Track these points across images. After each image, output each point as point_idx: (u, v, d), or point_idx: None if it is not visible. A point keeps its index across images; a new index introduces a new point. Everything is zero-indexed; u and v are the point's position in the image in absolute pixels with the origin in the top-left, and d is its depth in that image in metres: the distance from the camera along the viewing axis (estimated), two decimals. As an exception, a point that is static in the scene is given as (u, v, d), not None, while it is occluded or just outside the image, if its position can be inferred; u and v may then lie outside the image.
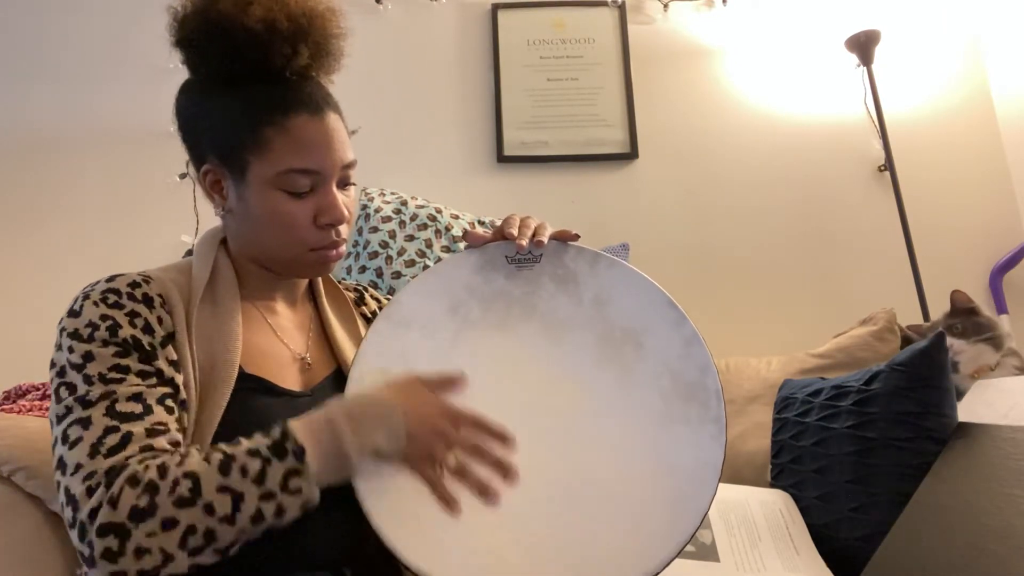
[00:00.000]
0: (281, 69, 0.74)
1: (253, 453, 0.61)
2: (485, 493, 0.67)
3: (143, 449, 0.62)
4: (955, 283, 1.37)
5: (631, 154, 1.91)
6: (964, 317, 1.24)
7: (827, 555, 0.89)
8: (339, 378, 0.83)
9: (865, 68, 1.81)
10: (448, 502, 0.66)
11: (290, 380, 0.79)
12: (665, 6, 2.01)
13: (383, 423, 0.66)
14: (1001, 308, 1.79)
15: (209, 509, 0.58)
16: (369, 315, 0.95)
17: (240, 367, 0.73)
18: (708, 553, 0.85)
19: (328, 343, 0.86)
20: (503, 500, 0.67)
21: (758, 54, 1.98)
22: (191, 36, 0.74)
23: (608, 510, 0.66)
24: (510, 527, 0.66)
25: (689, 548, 0.84)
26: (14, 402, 1.25)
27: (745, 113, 1.95)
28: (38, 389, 1.28)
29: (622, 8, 1.99)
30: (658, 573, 0.64)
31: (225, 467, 0.60)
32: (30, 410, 1.20)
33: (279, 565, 0.68)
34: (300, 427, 0.63)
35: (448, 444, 0.68)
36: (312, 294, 0.90)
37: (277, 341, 0.81)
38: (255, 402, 0.73)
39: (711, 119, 1.95)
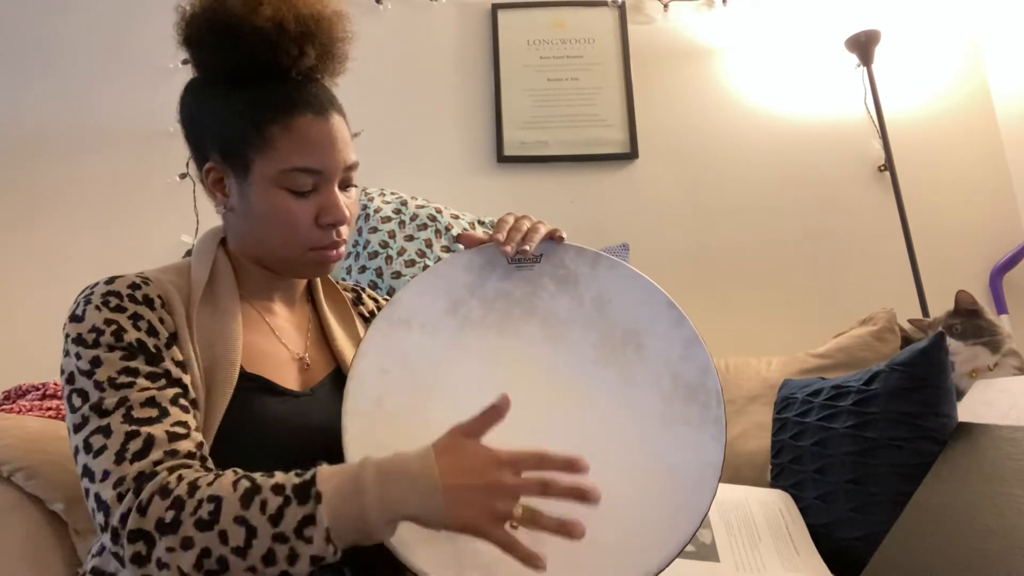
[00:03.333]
0: (287, 69, 0.75)
1: (278, 490, 0.59)
2: (568, 532, 0.59)
3: (168, 454, 0.62)
4: (955, 283, 1.37)
5: (631, 154, 1.91)
6: (965, 318, 1.24)
7: (827, 555, 0.89)
8: (338, 378, 0.83)
9: (865, 68, 1.81)
10: (532, 560, 0.59)
11: (290, 380, 0.79)
12: (665, 6, 2.01)
13: (415, 485, 0.58)
14: (1001, 308, 1.79)
15: (223, 537, 0.58)
16: (367, 315, 0.95)
17: (241, 367, 0.74)
18: (708, 553, 0.85)
19: (327, 343, 0.86)
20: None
21: (758, 54, 1.98)
22: (199, 34, 0.74)
23: (608, 510, 0.66)
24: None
25: (689, 548, 0.84)
26: (14, 402, 1.25)
27: (745, 113, 1.95)
28: (38, 389, 1.28)
29: (622, 8, 1.99)
30: (658, 573, 0.64)
31: (247, 498, 0.59)
32: (30, 410, 1.20)
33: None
34: (328, 474, 0.59)
35: (511, 495, 0.59)
36: (310, 295, 0.91)
37: (276, 341, 0.81)
38: (256, 401, 0.73)
39: (711, 119, 1.95)
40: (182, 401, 0.67)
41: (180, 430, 0.65)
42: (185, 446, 0.64)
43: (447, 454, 0.60)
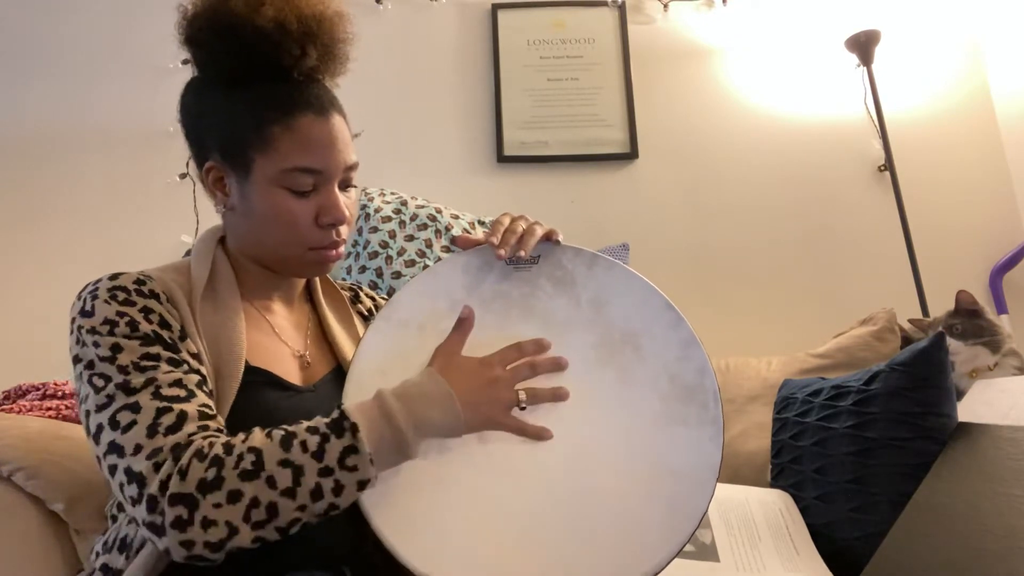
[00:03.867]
0: (289, 69, 0.75)
1: (313, 431, 0.63)
2: (561, 396, 0.70)
3: (201, 428, 0.64)
4: (955, 283, 1.37)
5: (631, 154, 1.91)
6: (965, 318, 1.24)
7: (827, 555, 0.88)
8: (339, 375, 0.84)
9: (865, 68, 1.81)
10: (542, 434, 0.69)
11: (292, 376, 0.79)
12: (665, 6, 2.01)
13: (434, 400, 0.66)
14: (1001, 308, 1.79)
15: (271, 482, 0.60)
16: (365, 313, 0.96)
17: (246, 361, 0.74)
18: (708, 553, 0.85)
19: (326, 342, 0.87)
20: (504, 501, 0.67)
21: (758, 54, 1.98)
22: (200, 34, 0.74)
23: (607, 511, 0.66)
24: (509, 527, 0.66)
25: (689, 548, 0.84)
26: (14, 402, 1.26)
27: (745, 113, 1.95)
28: (38, 389, 1.28)
29: (622, 8, 1.99)
30: (657, 573, 0.64)
31: (287, 442, 0.62)
32: (30, 410, 1.20)
33: (278, 564, 0.68)
34: (354, 408, 0.65)
35: (510, 384, 0.69)
36: (309, 294, 0.91)
37: (277, 339, 0.82)
38: (263, 395, 0.74)
39: (711, 119, 1.95)
40: (205, 388, 0.69)
41: (208, 411, 0.66)
42: (215, 424, 0.65)
43: (446, 370, 0.69)
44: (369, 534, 0.66)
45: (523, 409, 0.69)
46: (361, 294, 0.99)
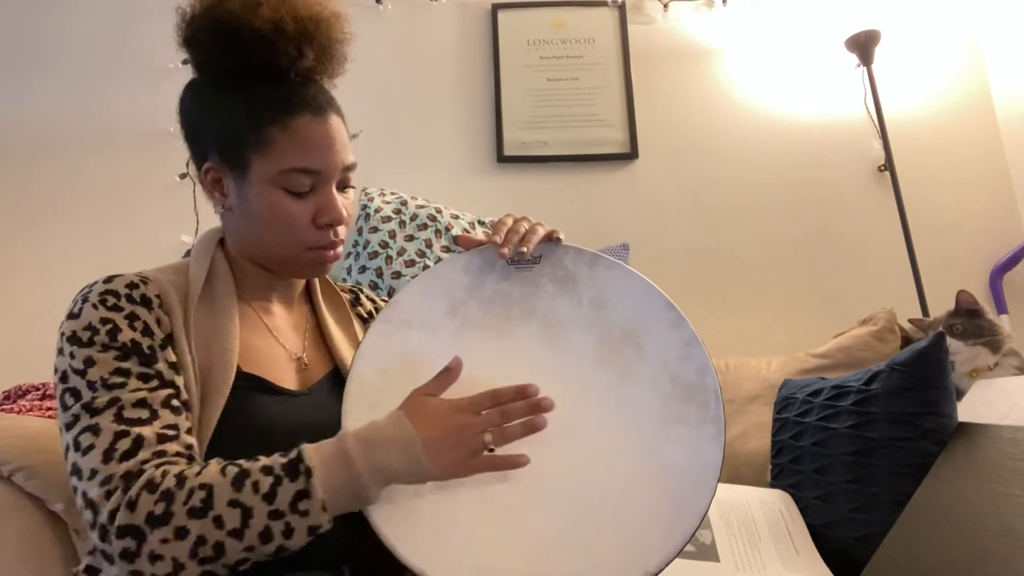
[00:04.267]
0: (286, 70, 0.75)
1: (267, 471, 0.62)
2: (533, 425, 0.67)
3: (156, 455, 0.63)
4: (955, 283, 1.37)
5: (631, 154, 1.91)
6: (966, 318, 1.24)
7: (827, 555, 0.89)
8: (336, 378, 0.83)
9: (865, 68, 1.81)
10: (516, 463, 0.66)
11: (287, 380, 0.79)
12: (665, 6, 2.01)
13: (396, 445, 0.64)
14: (1001, 308, 1.79)
15: (219, 522, 0.59)
16: (365, 315, 0.95)
17: (238, 366, 0.74)
18: (708, 553, 0.85)
19: (325, 344, 0.87)
20: (504, 500, 0.67)
21: (758, 54, 1.98)
22: (199, 35, 0.75)
23: (607, 511, 0.66)
24: (509, 526, 0.66)
25: (689, 548, 0.84)
26: (14, 402, 1.25)
27: (745, 113, 1.95)
28: (38, 389, 1.28)
29: (622, 8, 1.99)
30: (658, 573, 0.64)
31: (239, 482, 0.61)
32: (30, 410, 1.20)
33: (278, 564, 0.68)
34: (312, 450, 0.63)
35: (479, 431, 0.66)
36: (308, 295, 0.91)
37: (274, 341, 0.82)
38: (253, 401, 0.74)
39: (711, 119, 1.95)
40: (174, 403, 0.68)
41: (169, 432, 0.65)
42: (173, 448, 0.64)
43: (415, 414, 0.66)
44: (369, 533, 0.67)
45: (491, 451, 0.67)
46: (362, 296, 0.98)
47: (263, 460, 0.63)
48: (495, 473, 0.68)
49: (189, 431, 0.68)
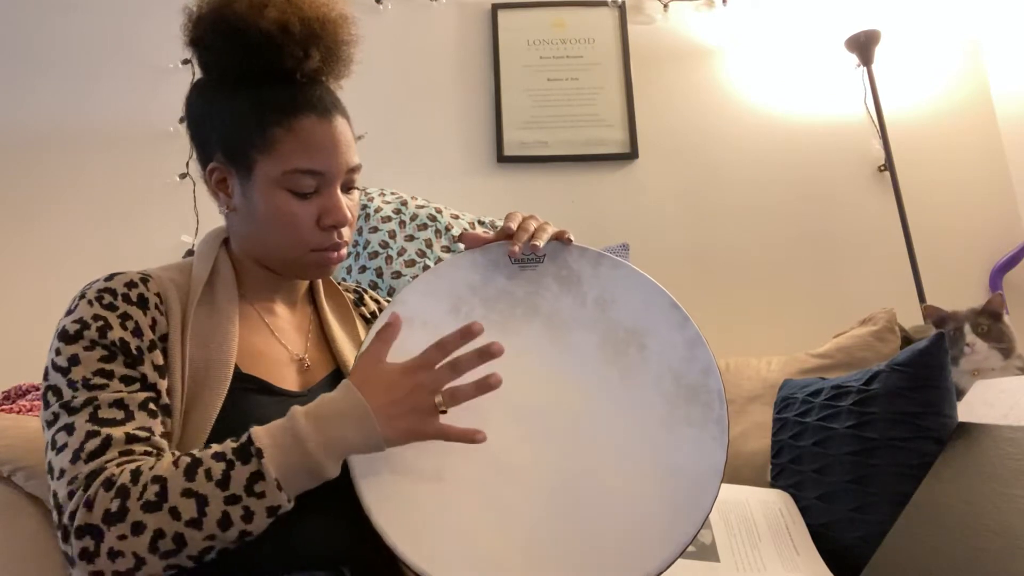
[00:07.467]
0: (292, 71, 0.75)
1: (219, 457, 0.61)
2: (487, 388, 0.65)
3: (122, 454, 0.63)
4: (955, 283, 1.37)
5: (631, 154, 1.91)
6: (991, 320, 1.25)
7: (827, 555, 0.89)
8: (338, 379, 0.83)
9: (865, 68, 1.81)
10: (470, 437, 0.64)
11: (288, 380, 0.79)
12: (665, 6, 2.01)
13: (348, 418, 0.63)
14: (1001, 308, 1.79)
15: (175, 513, 0.59)
16: (368, 316, 0.95)
17: (237, 367, 0.74)
18: (708, 553, 0.85)
19: (327, 344, 0.86)
20: (504, 500, 0.67)
21: (758, 54, 1.98)
22: (205, 36, 0.75)
23: (610, 511, 0.67)
24: (511, 526, 0.66)
25: (689, 548, 0.83)
26: (14, 402, 1.25)
27: (745, 113, 1.95)
28: (38, 389, 1.28)
29: (622, 8, 1.99)
30: (660, 573, 0.64)
31: (191, 471, 0.60)
32: (30, 410, 1.20)
33: (277, 564, 0.68)
34: (262, 431, 0.63)
35: (430, 391, 0.65)
36: (312, 296, 0.91)
37: (275, 342, 0.81)
38: (251, 402, 0.73)
39: (711, 119, 1.95)
40: (151, 406, 0.67)
41: (140, 433, 0.65)
42: (140, 448, 0.64)
43: (365, 384, 0.65)
44: (369, 532, 0.66)
45: (444, 413, 0.65)
46: (366, 297, 0.98)
47: (215, 447, 0.62)
48: (498, 471, 0.68)
49: (164, 435, 0.67)
